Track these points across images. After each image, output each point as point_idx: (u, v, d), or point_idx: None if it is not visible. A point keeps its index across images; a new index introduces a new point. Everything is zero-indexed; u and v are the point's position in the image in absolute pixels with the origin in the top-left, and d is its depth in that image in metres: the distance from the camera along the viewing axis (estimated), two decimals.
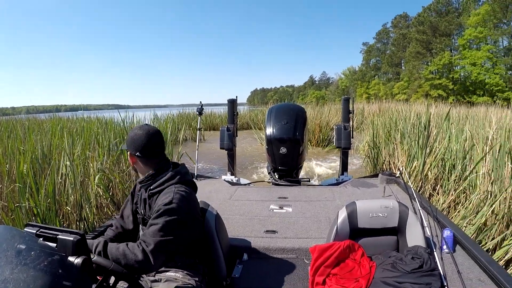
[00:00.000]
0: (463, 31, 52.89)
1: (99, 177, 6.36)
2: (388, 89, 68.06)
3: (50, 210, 5.25)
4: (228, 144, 7.31)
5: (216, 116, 27.85)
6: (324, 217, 4.78)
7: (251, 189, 6.54)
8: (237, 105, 7.76)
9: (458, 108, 21.10)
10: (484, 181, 5.73)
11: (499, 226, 4.95)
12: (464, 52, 50.62)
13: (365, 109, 26.35)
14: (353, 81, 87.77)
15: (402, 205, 3.32)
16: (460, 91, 50.70)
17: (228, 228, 3.83)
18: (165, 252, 2.31)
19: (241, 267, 3.59)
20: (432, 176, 7.00)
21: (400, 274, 2.75)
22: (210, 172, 11.91)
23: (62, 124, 13.91)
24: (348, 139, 7.02)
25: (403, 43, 68.28)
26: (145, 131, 2.62)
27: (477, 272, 3.15)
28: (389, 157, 9.32)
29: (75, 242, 1.65)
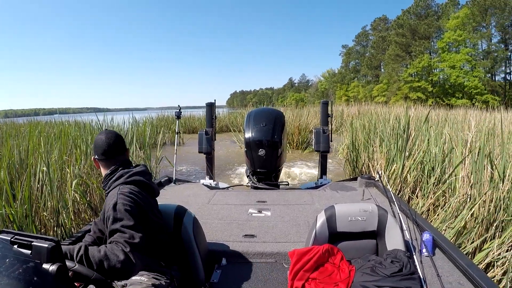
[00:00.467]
0: (442, 34, 53.43)
1: (76, 182, 6.24)
2: (368, 92, 68.50)
3: (27, 217, 5.14)
4: (207, 148, 7.29)
5: (196, 119, 27.83)
6: (303, 221, 4.73)
7: (230, 193, 6.46)
8: (215, 109, 7.71)
9: (437, 111, 21.24)
10: (464, 184, 5.73)
11: (479, 229, 4.94)
12: (443, 55, 51.13)
13: (345, 112, 26.52)
14: (332, 84, 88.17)
15: (381, 209, 3.33)
16: (439, 94, 51.24)
17: (207, 232, 3.81)
18: (140, 251, 2.27)
19: (220, 272, 3.52)
20: (411, 180, 6.98)
21: (379, 278, 2.74)
22: (192, 175, 11.90)
23: (40, 128, 13.86)
24: (327, 143, 7.04)
25: (382, 46, 68.72)
26: (104, 135, 2.72)
27: (457, 276, 3.13)
28: (368, 160, 9.31)
29: (49, 249, 1.55)
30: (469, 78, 47.72)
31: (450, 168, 6.44)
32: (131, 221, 2.31)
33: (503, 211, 4.93)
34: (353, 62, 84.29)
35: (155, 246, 2.72)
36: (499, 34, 49.76)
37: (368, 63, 73.53)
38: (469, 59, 48.79)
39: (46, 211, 5.59)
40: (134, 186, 2.59)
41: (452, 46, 51.85)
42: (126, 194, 2.45)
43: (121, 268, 2.12)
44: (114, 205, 2.35)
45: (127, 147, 2.90)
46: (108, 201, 2.47)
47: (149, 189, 2.75)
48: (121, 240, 2.21)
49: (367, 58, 74.85)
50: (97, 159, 2.74)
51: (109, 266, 2.10)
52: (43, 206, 5.63)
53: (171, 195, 6.17)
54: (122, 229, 2.26)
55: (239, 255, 3.83)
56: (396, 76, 58.20)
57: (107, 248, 2.17)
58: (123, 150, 2.79)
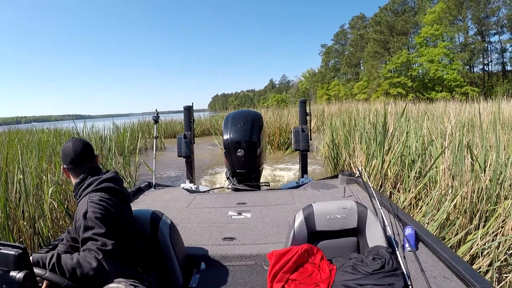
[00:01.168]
0: (420, 29, 54.13)
1: (53, 190, 6.13)
2: (348, 90, 69.02)
3: (3, 225, 5.07)
4: (186, 151, 7.19)
5: (177, 123, 27.71)
6: (283, 221, 4.65)
7: (210, 196, 6.36)
8: (193, 112, 7.65)
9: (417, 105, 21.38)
10: (445, 176, 5.73)
11: (462, 221, 4.93)
12: (421, 49, 51.76)
13: (325, 111, 26.58)
14: (313, 83, 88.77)
15: (361, 205, 3.30)
16: (419, 88, 51.76)
17: (185, 237, 3.83)
18: (113, 258, 2.25)
19: (199, 277, 3.45)
20: (392, 174, 7.00)
21: (361, 276, 2.70)
22: (173, 179, 11.85)
23: (20, 136, 13.71)
24: (307, 142, 6.96)
25: (361, 44, 69.30)
26: (71, 143, 2.69)
27: (441, 269, 3.06)
28: (349, 157, 9.32)
29: (16, 256, 1.59)
30: (448, 71, 48.44)
31: (431, 161, 6.45)
32: (102, 228, 2.29)
33: (486, 201, 4.92)
34: (333, 61, 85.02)
35: (131, 253, 2.68)
36: (475, 26, 50.59)
37: (348, 61, 74.12)
38: (447, 53, 49.52)
39: (23, 219, 5.52)
40: (104, 193, 2.55)
41: (429, 40, 52.54)
42: (96, 202, 2.42)
43: (94, 275, 2.10)
44: (85, 213, 2.32)
45: (96, 154, 2.85)
46: (78, 210, 2.43)
47: (120, 195, 2.71)
48: (93, 247, 2.19)
49: (347, 57, 75.51)
50: (65, 168, 2.71)
51: (82, 274, 2.09)
52: (21, 214, 5.56)
53: (151, 200, 6.06)
54: (94, 237, 2.24)
55: (218, 258, 3.75)
56: (376, 73, 58.77)
57: (80, 255, 2.16)
58: (91, 157, 2.75)
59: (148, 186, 6.86)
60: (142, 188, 6.64)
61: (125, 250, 2.55)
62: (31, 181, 6.09)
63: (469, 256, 4.46)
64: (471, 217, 4.94)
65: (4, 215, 5.04)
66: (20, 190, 5.81)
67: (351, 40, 76.72)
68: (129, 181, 9.42)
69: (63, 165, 2.71)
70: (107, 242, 2.24)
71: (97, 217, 2.31)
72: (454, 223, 4.88)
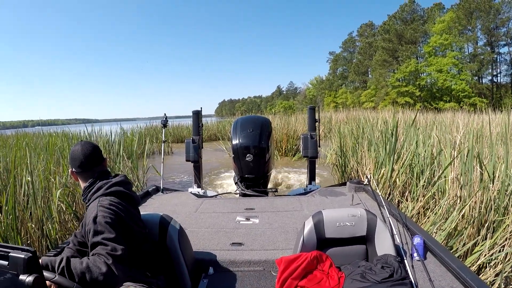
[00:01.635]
0: (429, 39, 53.96)
1: (61, 192, 6.16)
2: (356, 98, 68.80)
3: (12, 228, 5.12)
4: (194, 156, 7.21)
5: (184, 128, 27.79)
6: (291, 227, 4.66)
7: (218, 201, 6.36)
8: (202, 117, 7.68)
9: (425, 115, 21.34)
10: (453, 186, 5.70)
11: (470, 231, 4.92)
12: (430, 59, 51.53)
13: (333, 118, 26.57)
14: (320, 90, 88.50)
15: (370, 213, 3.27)
16: (427, 98, 51.51)
17: (194, 241, 3.82)
18: (123, 263, 2.23)
19: (207, 281, 3.46)
20: (400, 183, 6.96)
21: (370, 284, 2.69)
22: (180, 184, 11.85)
23: (28, 139, 13.83)
24: (315, 148, 6.96)
25: (369, 52, 69.16)
26: (80, 146, 2.68)
27: (449, 279, 3.06)
28: (357, 165, 9.30)
29: (26, 259, 1.55)
30: (456, 82, 48.10)
31: (439, 170, 6.43)
32: (112, 233, 2.27)
33: (494, 212, 4.90)
34: (341, 69, 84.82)
35: (140, 257, 2.67)
36: (485, 37, 50.27)
37: (356, 69, 73.95)
38: (455, 63, 49.17)
39: (31, 222, 5.52)
40: (113, 197, 2.55)
41: (438, 50, 52.29)
42: (105, 206, 2.41)
43: (103, 280, 2.08)
44: (94, 218, 2.32)
45: (105, 157, 2.85)
46: (88, 214, 2.42)
47: (129, 199, 2.70)
48: (103, 252, 2.17)
49: (355, 64, 75.33)
50: (74, 171, 2.69)
51: (91, 279, 2.07)
52: (29, 217, 5.58)
53: (158, 204, 6.10)
54: (103, 242, 2.22)
55: (226, 263, 3.77)
56: (384, 82, 58.53)
57: (90, 260, 2.14)
58: (100, 160, 2.75)
59: (156, 190, 6.87)
60: (150, 192, 6.65)
61: (134, 254, 2.55)
62: (39, 183, 6.10)
63: (476, 266, 4.43)
64: (478, 227, 4.91)
65: (13, 217, 5.09)
66: (28, 192, 5.85)
67: (360, 48, 76.59)
68: (137, 185, 9.44)
69: (72, 169, 2.71)
70: (117, 247, 2.23)
71: (107, 222, 2.32)
72: (462, 233, 4.86)
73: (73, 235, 2.79)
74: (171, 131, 25.64)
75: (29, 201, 5.74)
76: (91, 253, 2.25)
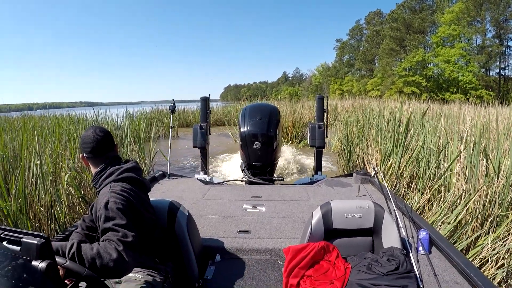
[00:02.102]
0: (437, 29, 53.21)
1: (69, 176, 6.23)
2: (362, 86, 68.41)
3: (21, 211, 5.14)
4: (201, 142, 7.24)
5: (190, 113, 27.77)
6: (298, 216, 4.71)
7: (224, 188, 6.46)
8: (210, 103, 7.71)
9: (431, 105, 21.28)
10: (459, 178, 5.71)
11: (474, 224, 4.96)
12: (438, 49, 50.93)
13: (339, 106, 26.51)
14: (326, 78, 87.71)
15: (378, 206, 3.31)
16: (433, 88, 51.09)
17: (201, 228, 3.83)
18: (133, 249, 2.23)
19: (214, 268, 3.53)
20: (407, 174, 6.96)
21: (375, 276, 2.72)
22: (186, 169, 11.89)
23: (34, 122, 13.86)
24: (322, 138, 7.01)
25: (376, 40, 68.66)
26: (91, 131, 2.67)
27: (453, 274, 3.11)
28: (362, 154, 9.31)
29: (39, 245, 1.55)
30: (463, 73, 47.57)
31: (445, 163, 6.44)
32: (123, 219, 2.28)
33: (498, 206, 4.93)
34: (347, 56, 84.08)
35: (149, 243, 2.70)
36: (494, 29, 49.61)
37: (362, 57, 73.45)
38: (463, 54, 48.59)
39: (40, 205, 5.58)
40: (125, 183, 2.56)
41: (446, 40, 51.63)
42: (117, 192, 2.43)
43: (114, 266, 2.09)
44: (106, 203, 2.33)
45: (116, 142, 2.85)
46: (99, 199, 2.44)
47: (140, 185, 2.72)
48: (114, 238, 2.18)
49: (361, 52, 74.75)
50: (85, 156, 2.70)
51: (101, 265, 2.06)
52: (37, 200, 5.62)
53: (165, 190, 6.17)
54: (114, 228, 2.23)
55: (233, 251, 3.83)
56: (391, 71, 58.04)
57: (100, 246, 2.14)
58: (111, 146, 2.75)
59: (162, 175, 6.97)
60: (157, 177, 6.76)
61: (144, 240, 2.56)
62: (47, 167, 6.16)
63: (478, 260, 4.48)
64: (482, 221, 4.96)
65: (22, 200, 5.12)
66: (37, 175, 5.89)
67: (367, 36, 75.85)
68: (144, 170, 9.44)
69: (83, 154, 2.71)
70: (127, 233, 2.24)
71: (118, 208, 2.32)
72: (466, 227, 4.91)
73: (82, 219, 2.83)
74: (177, 116, 25.55)
75: (38, 185, 5.79)
76: (101, 239, 2.26)
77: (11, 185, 5.45)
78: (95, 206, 2.50)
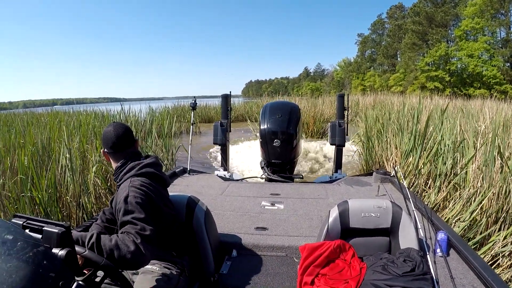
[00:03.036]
0: (460, 22, 52.44)
1: (96, 168, 6.54)
2: (384, 81, 67.83)
3: (52, 200, 5.50)
4: (222, 139, 7.31)
5: (211, 108, 27.80)
6: (316, 215, 4.71)
7: (244, 184, 6.50)
8: (231, 100, 7.76)
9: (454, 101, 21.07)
10: (475, 176, 5.74)
11: (488, 221, 4.99)
12: (461, 43, 50.20)
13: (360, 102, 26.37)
14: (348, 73, 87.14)
15: (396, 206, 3.27)
16: (456, 84, 50.40)
17: (218, 223, 3.86)
18: (150, 243, 2.28)
19: (230, 264, 3.56)
20: (425, 172, 6.94)
21: (391, 277, 2.69)
22: (206, 165, 11.97)
23: (60, 117, 14.15)
24: (343, 137, 7.02)
25: (398, 34, 68.05)
26: (112, 127, 2.74)
27: (471, 278, 3.06)
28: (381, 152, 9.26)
29: (59, 234, 1.62)
30: (487, 68, 46.88)
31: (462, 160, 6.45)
32: (142, 213, 2.34)
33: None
34: (369, 51, 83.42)
35: (167, 237, 2.77)
36: None
37: (384, 52, 72.86)
38: (487, 48, 47.88)
39: (69, 195, 5.85)
40: (145, 178, 2.61)
41: (470, 34, 50.91)
42: (137, 186, 2.48)
43: (131, 258, 2.14)
44: (126, 197, 2.38)
45: (136, 138, 2.91)
46: (119, 193, 2.50)
47: (160, 180, 2.77)
48: (132, 231, 2.24)
49: (383, 47, 74.17)
50: (106, 152, 2.77)
51: (119, 256, 2.12)
52: (66, 190, 5.91)
53: (185, 185, 6.24)
54: (133, 221, 2.29)
55: (250, 247, 3.87)
56: (413, 65, 57.42)
57: (119, 238, 2.19)
58: (132, 141, 2.80)
59: (183, 171, 7.04)
60: (177, 173, 6.84)
61: (162, 234, 2.64)
62: (75, 159, 6.36)
63: (490, 256, 4.52)
64: (496, 218, 4.98)
65: (54, 190, 5.46)
66: (66, 167, 6.14)
67: (389, 30, 75.24)
68: (166, 164, 9.61)
69: (104, 149, 2.77)
70: (146, 227, 2.28)
71: (137, 202, 2.37)
72: (480, 224, 4.93)
73: (102, 212, 2.89)
74: (199, 112, 25.65)
75: (66, 176, 6.06)
76: (120, 231, 2.31)
77: (41, 177, 5.68)
78: (115, 199, 2.58)
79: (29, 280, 1.36)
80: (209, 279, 3.13)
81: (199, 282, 3.07)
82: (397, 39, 68.50)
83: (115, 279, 2.14)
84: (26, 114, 18.47)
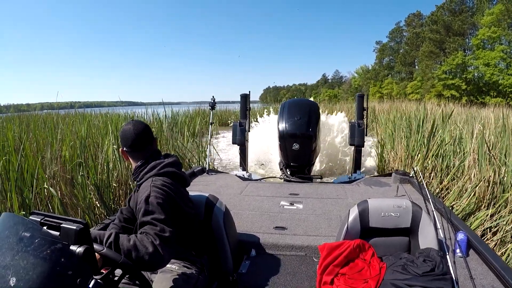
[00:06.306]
0: (477, 31, 52.12)
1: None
2: (401, 89, 67.36)
3: (104, 184, 6.25)
4: (240, 139, 7.44)
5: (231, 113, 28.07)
6: (335, 215, 4.77)
7: (262, 184, 6.61)
8: (249, 100, 7.90)
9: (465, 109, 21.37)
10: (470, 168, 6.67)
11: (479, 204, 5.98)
12: (478, 52, 49.84)
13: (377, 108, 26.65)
14: (366, 80, 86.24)
15: (416, 205, 3.29)
16: (473, 92, 50.05)
17: (237, 223, 3.93)
18: (169, 245, 2.29)
19: (249, 263, 3.61)
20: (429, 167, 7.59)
21: (410, 277, 2.71)
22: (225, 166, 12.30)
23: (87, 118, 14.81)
24: (362, 137, 7.08)
25: (416, 42, 67.61)
26: (132, 125, 2.70)
27: (491, 279, 3.06)
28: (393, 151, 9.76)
29: (77, 231, 1.63)
30: (504, 76, 46.48)
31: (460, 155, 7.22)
32: (162, 214, 2.33)
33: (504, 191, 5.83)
34: (387, 59, 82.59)
35: (187, 236, 2.77)
36: None
37: (402, 59, 72.41)
38: (504, 57, 47.48)
39: (114, 181, 6.62)
40: (166, 178, 2.60)
41: (486, 43, 50.54)
42: (158, 186, 2.47)
43: (149, 260, 2.14)
44: (147, 197, 2.38)
45: (156, 137, 2.88)
46: (140, 193, 2.49)
47: (181, 180, 2.76)
48: (151, 232, 2.23)
49: (401, 55, 73.62)
50: (125, 150, 2.73)
51: (137, 257, 2.12)
52: (115, 177, 6.68)
53: (203, 185, 6.37)
54: (153, 222, 2.28)
55: (268, 246, 3.92)
56: (430, 73, 57.03)
57: (137, 238, 2.19)
58: (151, 140, 2.76)
59: (201, 171, 7.22)
60: (196, 172, 7.00)
61: (182, 234, 2.64)
62: (110, 157, 7.01)
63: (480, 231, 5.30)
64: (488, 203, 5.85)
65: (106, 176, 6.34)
66: (114, 157, 6.94)
67: (407, 38, 74.54)
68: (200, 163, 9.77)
69: (123, 148, 2.72)
70: (165, 228, 2.27)
71: (158, 203, 2.36)
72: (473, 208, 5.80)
73: (119, 211, 2.94)
74: (218, 115, 25.96)
75: (111, 167, 6.87)
76: (139, 231, 2.30)
77: (90, 166, 6.34)
78: (134, 198, 2.63)
79: (47, 277, 1.44)
80: (227, 278, 3.12)
81: (218, 281, 3.07)
82: (415, 47, 67.99)
83: (133, 277, 2.17)
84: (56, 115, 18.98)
